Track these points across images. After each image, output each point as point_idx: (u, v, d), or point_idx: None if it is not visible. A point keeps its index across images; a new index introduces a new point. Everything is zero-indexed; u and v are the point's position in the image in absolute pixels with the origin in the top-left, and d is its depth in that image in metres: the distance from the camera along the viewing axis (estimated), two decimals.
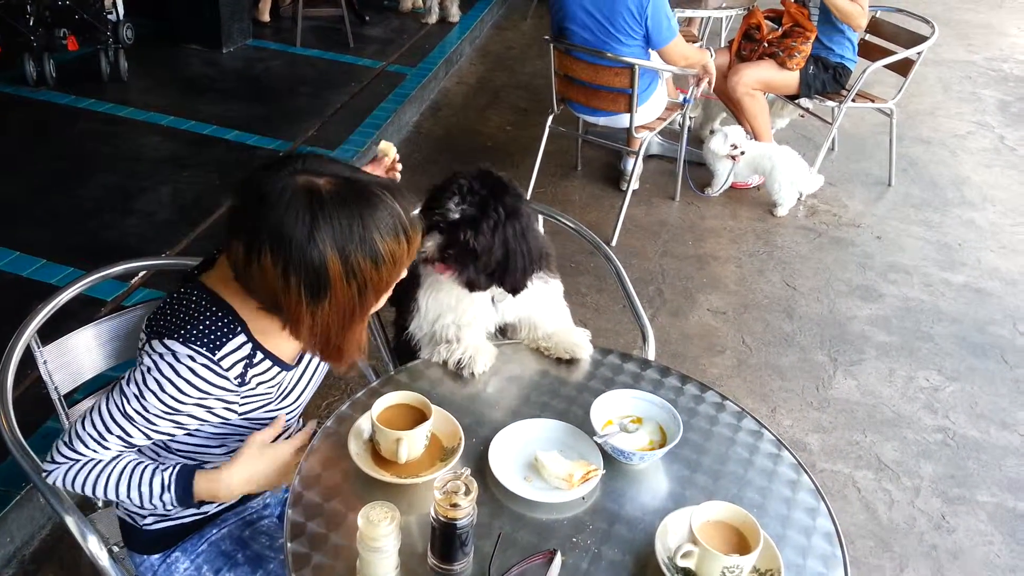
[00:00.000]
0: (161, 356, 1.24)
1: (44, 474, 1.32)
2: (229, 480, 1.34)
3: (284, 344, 1.34)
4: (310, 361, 1.46)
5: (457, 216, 1.54)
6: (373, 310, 1.30)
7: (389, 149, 1.72)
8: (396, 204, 1.21)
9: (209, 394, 1.27)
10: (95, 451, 1.29)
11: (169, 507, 1.34)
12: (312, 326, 1.22)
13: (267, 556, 1.49)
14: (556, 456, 1.38)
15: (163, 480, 1.31)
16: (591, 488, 1.35)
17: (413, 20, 6.21)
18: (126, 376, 1.27)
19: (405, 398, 1.42)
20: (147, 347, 1.26)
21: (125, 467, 1.31)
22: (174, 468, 1.33)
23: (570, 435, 1.46)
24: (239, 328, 1.28)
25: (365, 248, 1.18)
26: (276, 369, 1.35)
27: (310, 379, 1.48)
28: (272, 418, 1.41)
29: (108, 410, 1.27)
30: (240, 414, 1.36)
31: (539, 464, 1.37)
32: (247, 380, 1.30)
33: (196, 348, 1.24)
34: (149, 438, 1.30)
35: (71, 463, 1.30)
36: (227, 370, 1.27)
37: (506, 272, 1.58)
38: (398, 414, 1.40)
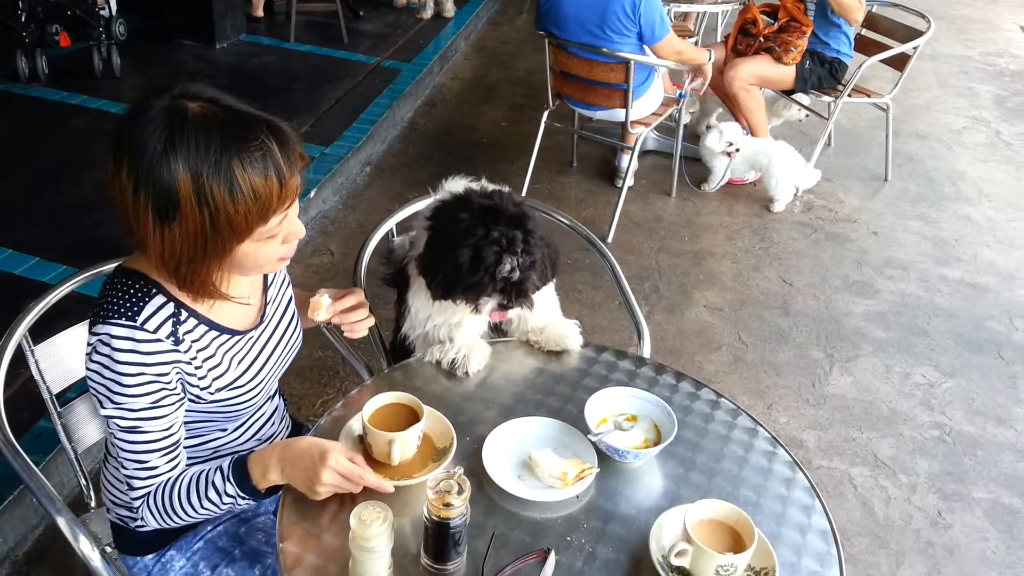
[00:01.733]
0: (95, 348, 1.22)
1: (140, 526, 1.36)
2: (272, 451, 1.29)
3: (218, 308, 1.32)
4: (264, 331, 1.42)
5: (517, 275, 1.52)
6: (237, 252, 1.22)
7: (318, 306, 1.48)
8: (274, 144, 1.17)
9: (157, 364, 1.23)
10: (152, 475, 1.29)
11: (241, 501, 1.31)
12: (161, 250, 1.19)
13: (264, 552, 1.48)
14: (550, 454, 1.37)
15: (222, 470, 1.29)
16: (585, 487, 1.34)
17: (408, 15, 6.19)
18: (94, 400, 1.26)
19: (396, 398, 1.41)
20: (87, 347, 1.24)
21: (188, 480, 1.30)
22: (230, 456, 1.32)
23: (564, 433, 1.45)
24: (154, 290, 1.25)
25: (221, 175, 1.13)
26: (204, 328, 1.30)
27: (272, 350, 1.44)
28: (242, 397, 1.38)
29: (118, 439, 1.26)
30: (209, 391, 1.32)
31: (533, 463, 1.36)
32: (181, 338, 1.26)
33: (116, 321, 1.21)
34: (173, 433, 1.29)
35: (143, 502, 1.31)
36: (155, 331, 1.23)
37: (543, 282, 1.63)
38: (389, 414, 1.38)
